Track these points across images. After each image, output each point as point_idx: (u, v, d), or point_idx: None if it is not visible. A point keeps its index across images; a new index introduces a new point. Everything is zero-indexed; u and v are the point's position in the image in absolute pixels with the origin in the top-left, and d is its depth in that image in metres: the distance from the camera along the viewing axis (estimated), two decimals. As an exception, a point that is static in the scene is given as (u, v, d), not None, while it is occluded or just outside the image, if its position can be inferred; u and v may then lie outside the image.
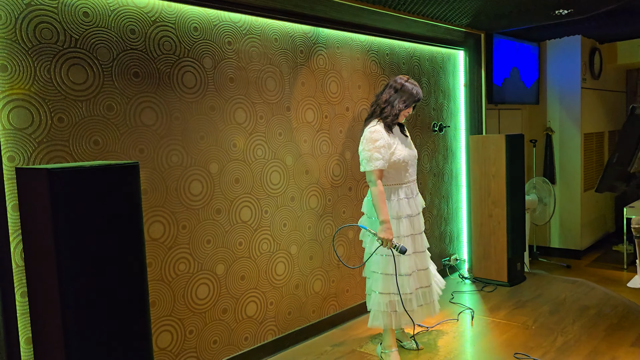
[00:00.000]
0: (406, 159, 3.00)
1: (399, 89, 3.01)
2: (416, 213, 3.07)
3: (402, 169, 3.00)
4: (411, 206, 3.04)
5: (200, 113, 2.87)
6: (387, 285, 2.96)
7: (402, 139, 3.08)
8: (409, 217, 3.01)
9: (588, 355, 3.09)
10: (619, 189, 2.19)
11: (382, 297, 2.97)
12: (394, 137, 3.00)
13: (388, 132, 2.96)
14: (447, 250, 4.90)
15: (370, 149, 2.89)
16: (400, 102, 2.98)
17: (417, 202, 3.09)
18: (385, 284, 2.96)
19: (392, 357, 3.04)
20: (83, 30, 2.39)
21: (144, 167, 2.63)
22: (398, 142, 3.00)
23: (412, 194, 3.07)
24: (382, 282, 2.97)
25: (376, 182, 2.87)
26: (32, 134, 2.25)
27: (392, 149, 2.94)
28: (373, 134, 2.92)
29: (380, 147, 2.88)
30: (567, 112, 5.81)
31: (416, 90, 3.02)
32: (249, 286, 3.15)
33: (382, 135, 2.91)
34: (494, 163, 4.47)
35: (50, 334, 1.93)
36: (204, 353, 2.94)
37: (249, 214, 3.14)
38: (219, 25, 2.94)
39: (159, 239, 2.71)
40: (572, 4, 3.94)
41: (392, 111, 2.98)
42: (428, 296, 3.09)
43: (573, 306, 3.94)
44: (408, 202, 3.02)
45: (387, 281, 2.96)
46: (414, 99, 3.02)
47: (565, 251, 5.97)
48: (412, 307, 2.99)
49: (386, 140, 2.91)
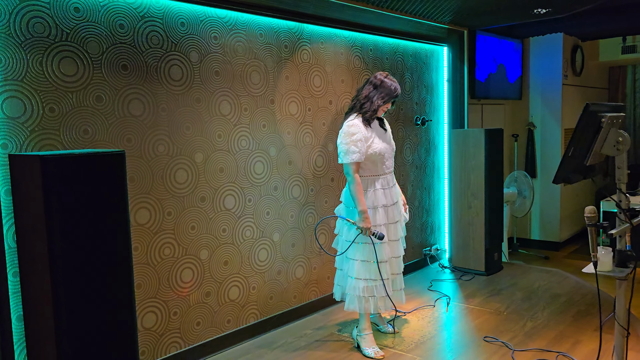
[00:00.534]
0: (382, 152, 3.14)
1: (379, 85, 3.14)
2: (391, 203, 3.20)
3: (379, 161, 3.14)
4: (387, 196, 3.17)
5: (186, 105, 3.00)
6: (364, 271, 3.10)
7: (381, 132, 3.22)
8: (384, 207, 3.15)
9: (554, 339, 3.26)
10: (574, 180, 2.33)
11: (358, 282, 3.11)
12: (372, 131, 3.14)
13: (366, 126, 3.10)
14: (428, 241, 5.06)
15: (347, 143, 3.03)
16: (379, 97, 3.12)
17: (392, 192, 3.23)
18: (362, 270, 3.10)
19: (366, 339, 3.20)
20: (74, 25, 2.51)
21: (131, 155, 2.76)
22: (375, 136, 3.14)
23: (388, 185, 3.21)
24: (359, 268, 3.12)
25: (353, 174, 3.01)
26: (25, 123, 2.37)
27: (369, 142, 3.08)
28: (351, 127, 3.06)
29: (357, 141, 3.02)
30: (548, 108, 5.97)
31: (395, 86, 3.16)
32: (231, 271, 3.30)
33: (360, 129, 3.05)
34: (474, 156, 4.63)
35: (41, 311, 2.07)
36: (187, 333, 3.09)
37: (232, 202, 3.28)
38: (206, 21, 3.07)
39: (145, 224, 2.85)
40: (550, 4, 4.09)
41: (371, 107, 3.11)
42: (398, 283, 3.25)
43: (545, 294, 4.12)
44: (384, 193, 3.16)
45: (364, 267, 3.10)
46: (392, 95, 3.15)
47: (545, 243, 6.15)
48: (389, 292, 3.15)
49: (363, 134, 3.05)
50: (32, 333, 2.24)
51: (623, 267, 2.40)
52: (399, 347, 3.24)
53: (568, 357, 3.00)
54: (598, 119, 2.28)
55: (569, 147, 2.24)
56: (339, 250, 3.29)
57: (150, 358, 2.92)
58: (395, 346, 3.25)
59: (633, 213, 2.51)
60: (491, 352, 3.11)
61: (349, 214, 3.17)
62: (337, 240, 3.31)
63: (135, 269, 2.81)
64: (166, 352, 2.99)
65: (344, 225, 3.22)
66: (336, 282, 3.35)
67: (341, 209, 3.25)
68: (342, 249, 3.23)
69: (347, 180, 3.09)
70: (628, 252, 2.39)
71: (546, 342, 3.22)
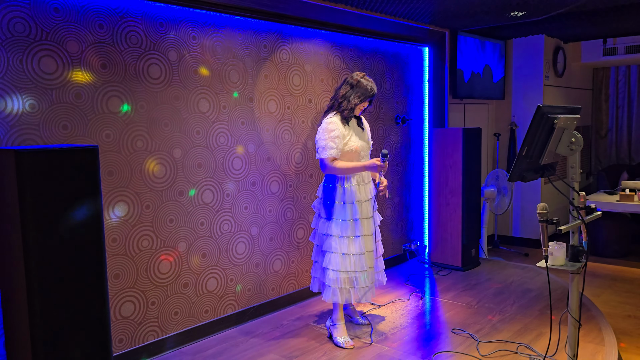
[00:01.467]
0: (358, 149, 3.27)
1: (355, 85, 3.27)
2: (366, 199, 3.31)
3: (355, 158, 3.27)
4: (361, 192, 3.29)
5: (164, 102, 3.11)
6: (341, 263, 3.22)
7: (358, 130, 3.34)
8: (358, 203, 3.27)
9: (518, 331, 3.39)
10: (528, 178, 2.45)
11: (335, 274, 3.23)
12: (350, 129, 3.27)
13: (344, 124, 3.24)
14: (408, 236, 5.18)
15: (326, 139, 3.18)
16: (355, 97, 3.25)
17: (367, 189, 3.35)
18: (339, 262, 3.22)
19: (338, 329, 3.32)
20: (54, 25, 2.62)
21: (110, 150, 2.87)
22: (353, 134, 3.27)
23: (363, 181, 3.32)
24: (336, 260, 3.23)
25: (330, 165, 3.16)
26: (5, 119, 2.48)
27: (345, 139, 3.22)
28: (329, 124, 3.20)
29: (335, 137, 3.16)
30: (530, 108, 6.09)
31: (370, 86, 3.29)
32: (209, 263, 3.42)
33: (338, 127, 3.19)
34: (452, 155, 4.75)
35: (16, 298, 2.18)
36: (165, 323, 3.20)
37: (210, 197, 3.39)
38: (184, 21, 3.18)
39: (123, 217, 2.96)
40: (525, 7, 4.20)
41: (348, 105, 3.25)
42: (369, 278, 3.33)
43: (517, 289, 4.25)
44: (358, 189, 3.28)
45: (341, 260, 3.22)
46: (367, 95, 3.28)
47: (526, 240, 6.29)
48: (366, 284, 3.26)
49: (341, 131, 3.19)
50: (10, 319, 2.35)
51: (575, 262, 2.52)
52: (369, 338, 3.36)
53: (529, 348, 3.12)
54: (551, 120, 2.40)
55: (522, 147, 2.36)
56: (315, 243, 3.41)
57: (128, 345, 3.03)
58: (366, 337, 3.37)
59: (588, 210, 2.63)
60: (458, 343, 3.23)
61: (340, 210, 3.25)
62: (314, 234, 3.43)
63: (114, 260, 2.92)
64: (144, 340, 3.10)
65: (319, 219, 3.34)
66: (313, 274, 3.47)
67: (316, 204, 3.38)
68: (320, 242, 3.35)
69: (324, 174, 3.24)
70: (580, 248, 2.51)
71: (510, 334, 3.35)
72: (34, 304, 2.06)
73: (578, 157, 2.52)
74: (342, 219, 3.24)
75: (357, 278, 3.24)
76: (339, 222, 3.23)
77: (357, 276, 3.23)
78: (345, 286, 3.23)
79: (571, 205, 2.53)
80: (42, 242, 2.06)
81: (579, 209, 2.53)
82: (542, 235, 2.41)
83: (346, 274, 3.22)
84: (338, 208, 3.25)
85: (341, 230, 3.23)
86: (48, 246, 2.07)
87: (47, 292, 2.08)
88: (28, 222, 2.03)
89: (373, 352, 3.14)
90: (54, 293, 2.10)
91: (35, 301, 2.05)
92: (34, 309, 2.08)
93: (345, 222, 3.22)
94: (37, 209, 2.04)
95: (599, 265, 5.38)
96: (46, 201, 2.06)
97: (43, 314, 2.08)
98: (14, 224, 2.08)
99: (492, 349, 3.14)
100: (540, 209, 2.40)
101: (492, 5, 4.11)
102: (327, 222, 3.29)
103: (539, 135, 2.38)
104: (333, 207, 3.26)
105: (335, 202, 3.26)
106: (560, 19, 4.86)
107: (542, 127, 2.37)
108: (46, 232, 2.07)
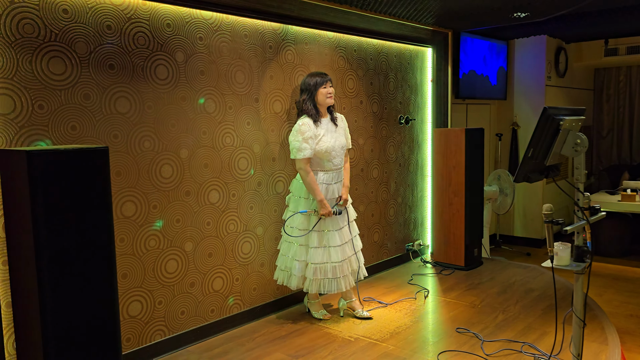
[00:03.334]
0: (329, 149, 3.47)
1: (304, 88, 3.54)
2: (331, 197, 3.53)
3: (325, 158, 3.49)
4: (329, 191, 3.51)
5: (171, 103, 3.13)
6: (320, 257, 3.48)
7: (331, 128, 3.53)
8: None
9: (522, 330, 3.41)
10: (533, 179, 2.47)
11: (314, 266, 3.49)
12: (322, 128, 3.48)
13: (316, 124, 3.46)
14: (411, 236, 5.20)
15: (299, 140, 3.40)
16: (306, 96, 3.49)
17: (333, 189, 3.55)
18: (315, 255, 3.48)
19: (315, 305, 3.75)
20: (62, 26, 2.63)
21: (117, 151, 2.89)
22: (326, 133, 3.48)
23: (332, 180, 3.53)
24: (313, 254, 3.48)
25: (305, 168, 3.40)
26: (15, 119, 2.50)
27: (317, 139, 3.43)
28: (302, 126, 3.42)
29: (308, 139, 3.40)
30: (532, 108, 6.12)
31: (314, 79, 3.48)
32: (215, 263, 3.44)
33: (310, 128, 3.42)
34: (455, 155, 4.77)
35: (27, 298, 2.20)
36: (172, 322, 3.22)
37: (217, 197, 3.41)
38: (191, 22, 3.19)
39: (131, 217, 2.98)
40: (528, 8, 4.22)
41: (309, 108, 3.48)
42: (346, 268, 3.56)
43: (520, 289, 4.27)
44: (327, 188, 3.51)
45: (320, 253, 3.49)
46: (313, 87, 3.48)
47: (528, 240, 6.32)
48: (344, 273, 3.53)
49: (313, 132, 3.42)
50: (19, 319, 2.37)
51: (580, 262, 2.54)
52: (374, 337, 3.38)
53: (533, 347, 3.15)
54: (557, 122, 2.42)
55: (528, 149, 2.38)
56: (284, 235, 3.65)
57: (135, 345, 3.05)
58: (371, 336, 3.39)
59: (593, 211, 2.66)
60: (462, 342, 3.26)
61: (295, 203, 3.54)
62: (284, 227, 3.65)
63: (122, 260, 2.94)
64: (151, 339, 3.12)
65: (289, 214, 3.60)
66: (282, 267, 3.66)
67: (290, 199, 3.64)
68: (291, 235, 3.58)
69: (299, 173, 3.47)
70: (584, 248, 2.53)
71: (514, 333, 3.37)
72: (45, 303, 2.08)
73: (583, 158, 2.54)
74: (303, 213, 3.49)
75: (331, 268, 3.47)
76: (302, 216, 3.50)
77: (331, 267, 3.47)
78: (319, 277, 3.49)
79: (576, 206, 2.55)
80: (53, 242, 2.08)
81: (584, 209, 2.55)
82: (548, 235, 2.42)
83: (324, 265, 3.48)
84: (302, 203, 3.52)
85: (301, 224, 3.50)
86: (59, 246, 2.09)
87: (58, 291, 2.10)
88: (39, 222, 2.05)
89: (378, 351, 3.16)
90: (65, 292, 2.12)
91: (46, 300, 2.07)
92: (45, 308, 2.10)
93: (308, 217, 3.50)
94: (48, 210, 2.06)
95: (600, 265, 5.41)
96: (57, 202, 2.08)
97: (54, 313, 2.10)
98: (25, 224, 2.10)
99: (497, 348, 3.16)
100: (546, 210, 2.42)
101: (495, 6, 4.12)
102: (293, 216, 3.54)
103: (544, 136, 2.40)
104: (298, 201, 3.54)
105: (301, 197, 3.53)
106: (563, 19, 4.88)
107: (547, 129, 2.39)
108: (57, 232, 2.08)
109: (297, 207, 3.52)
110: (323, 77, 3.49)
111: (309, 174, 3.41)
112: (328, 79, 3.51)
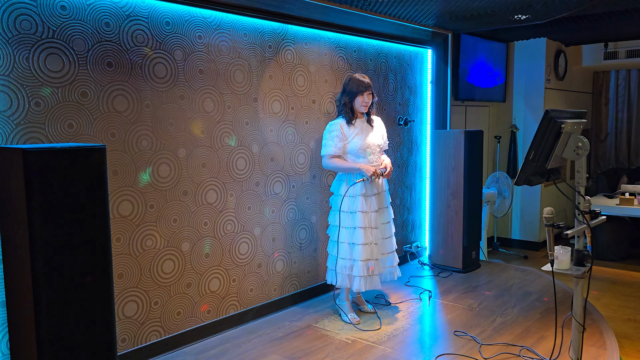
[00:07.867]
0: (363, 147, 3.51)
1: (344, 89, 3.56)
2: (372, 194, 3.54)
3: (360, 155, 3.52)
4: (366, 187, 3.51)
5: (170, 101, 3.10)
6: (345, 252, 3.52)
7: (366, 129, 3.57)
8: (363, 196, 3.51)
9: (520, 334, 3.39)
10: (534, 182, 2.46)
11: (340, 260, 3.54)
12: (356, 128, 3.53)
13: (349, 125, 3.52)
14: (409, 238, 5.18)
15: (326, 138, 3.56)
16: (346, 98, 3.52)
17: (373, 185, 3.55)
18: (343, 251, 3.52)
19: (345, 307, 3.71)
20: (60, 23, 2.60)
21: (115, 149, 2.86)
22: (359, 133, 3.52)
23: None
24: (341, 249, 3.52)
25: (329, 159, 3.53)
26: (11, 117, 2.47)
27: (348, 139, 3.50)
28: (330, 126, 3.58)
29: (335, 137, 3.51)
30: (531, 111, 6.11)
31: (358, 82, 3.49)
32: (212, 263, 3.41)
33: (337, 128, 3.52)
34: (454, 157, 4.76)
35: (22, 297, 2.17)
36: (168, 323, 3.19)
37: (214, 197, 3.39)
38: (190, 21, 3.17)
39: (127, 216, 2.95)
40: (529, 11, 4.21)
41: (345, 108, 3.53)
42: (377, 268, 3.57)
43: (518, 292, 4.26)
44: (364, 183, 3.51)
45: (344, 248, 3.52)
46: (355, 92, 3.50)
47: (525, 242, 6.30)
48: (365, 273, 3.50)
49: (342, 132, 3.50)
50: (14, 318, 2.34)
51: (580, 266, 2.53)
52: (372, 339, 3.36)
53: (531, 352, 3.13)
54: (558, 125, 2.40)
55: (529, 151, 2.36)
56: (331, 236, 3.67)
57: (130, 345, 3.02)
58: (368, 338, 3.37)
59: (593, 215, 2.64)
60: (460, 346, 3.24)
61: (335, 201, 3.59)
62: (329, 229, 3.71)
63: (118, 260, 2.92)
64: (147, 339, 3.09)
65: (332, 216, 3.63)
66: (329, 267, 3.70)
67: (332, 199, 3.66)
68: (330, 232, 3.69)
69: (329, 167, 3.58)
70: (585, 252, 2.52)
71: (512, 337, 3.35)
72: (40, 302, 2.05)
73: (584, 161, 2.53)
74: (344, 210, 3.51)
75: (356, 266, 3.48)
76: (342, 214, 3.51)
77: (354, 264, 3.49)
78: (346, 272, 3.53)
79: (577, 209, 2.54)
80: (49, 240, 2.05)
81: (585, 213, 2.54)
82: (548, 239, 2.41)
83: (350, 261, 3.51)
84: (342, 200, 3.52)
85: (342, 221, 3.50)
86: (54, 245, 2.06)
87: (53, 291, 2.07)
88: (35, 221, 2.02)
89: (376, 354, 3.14)
90: (60, 291, 2.09)
91: (41, 299, 2.04)
92: (40, 308, 2.07)
93: (346, 214, 3.50)
94: (44, 208, 2.03)
95: (598, 269, 5.40)
96: (53, 200, 2.05)
97: (49, 312, 2.07)
98: (20, 223, 2.07)
99: (495, 351, 3.14)
100: (547, 214, 2.40)
101: (496, 8, 4.11)
102: (332, 213, 3.61)
103: (546, 139, 2.38)
104: (337, 199, 3.57)
105: (341, 194, 3.53)
106: (563, 22, 4.87)
107: (549, 132, 2.37)
108: (53, 231, 2.05)
109: (345, 205, 3.52)
110: (365, 86, 3.48)
111: (333, 161, 3.50)
112: (368, 88, 3.50)
